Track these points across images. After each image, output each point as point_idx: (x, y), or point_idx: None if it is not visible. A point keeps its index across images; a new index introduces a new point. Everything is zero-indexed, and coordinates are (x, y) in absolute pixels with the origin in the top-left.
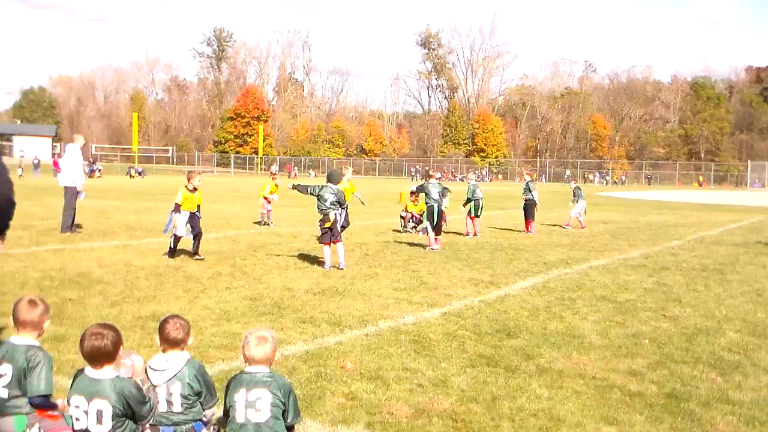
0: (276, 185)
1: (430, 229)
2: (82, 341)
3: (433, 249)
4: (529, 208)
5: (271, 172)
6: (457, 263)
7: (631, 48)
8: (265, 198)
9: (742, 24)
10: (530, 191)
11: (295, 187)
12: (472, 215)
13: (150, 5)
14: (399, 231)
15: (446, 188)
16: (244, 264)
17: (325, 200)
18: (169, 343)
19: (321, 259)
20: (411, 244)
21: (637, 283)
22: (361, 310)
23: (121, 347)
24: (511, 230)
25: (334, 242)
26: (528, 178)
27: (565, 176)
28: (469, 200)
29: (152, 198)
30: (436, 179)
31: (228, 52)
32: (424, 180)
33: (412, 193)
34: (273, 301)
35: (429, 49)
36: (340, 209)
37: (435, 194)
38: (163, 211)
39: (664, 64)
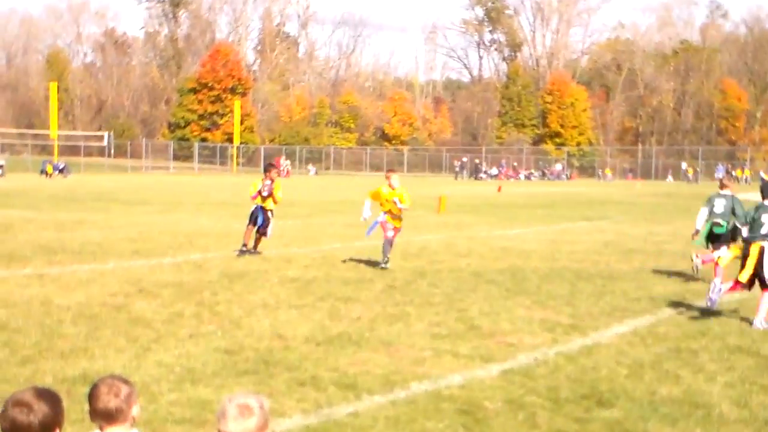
0: (393, 189)
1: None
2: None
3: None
4: None
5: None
6: (523, 298)
7: None
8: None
9: None
10: None
11: None
12: None
13: None
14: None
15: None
16: (215, 301)
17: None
18: (101, 416)
19: (331, 293)
20: (454, 271)
21: None
22: (385, 366)
23: (57, 430)
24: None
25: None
26: None
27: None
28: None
29: (80, 206)
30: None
31: None
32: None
33: None
34: (258, 354)
35: None
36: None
37: (719, 209)
38: (94, 225)
39: None
